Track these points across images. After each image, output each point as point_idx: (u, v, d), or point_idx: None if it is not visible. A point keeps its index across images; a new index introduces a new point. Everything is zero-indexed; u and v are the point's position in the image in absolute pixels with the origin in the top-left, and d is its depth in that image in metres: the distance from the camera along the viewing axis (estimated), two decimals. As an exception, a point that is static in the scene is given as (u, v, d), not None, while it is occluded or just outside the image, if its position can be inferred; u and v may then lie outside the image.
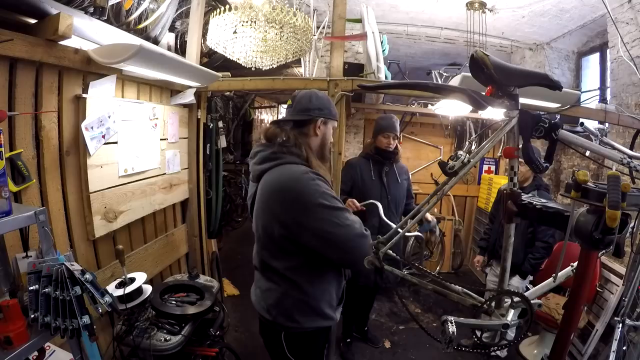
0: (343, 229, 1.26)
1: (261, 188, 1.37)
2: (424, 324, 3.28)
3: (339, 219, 1.27)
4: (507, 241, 1.07)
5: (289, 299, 1.37)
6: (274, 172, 1.34)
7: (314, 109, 1.40)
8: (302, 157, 1.37)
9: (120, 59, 1.62)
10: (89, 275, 1.13)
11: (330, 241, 1.27)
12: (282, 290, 1.38)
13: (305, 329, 1.40)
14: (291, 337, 1.41)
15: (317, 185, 1.27)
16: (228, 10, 1.85)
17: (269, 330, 1.47)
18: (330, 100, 1.49)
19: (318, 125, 1.42)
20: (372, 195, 2.44)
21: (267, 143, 1.43)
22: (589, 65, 4.16)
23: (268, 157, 1.37)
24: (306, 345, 1.44)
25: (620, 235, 0.86)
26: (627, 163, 1.04)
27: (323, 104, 1.43)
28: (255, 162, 1.41)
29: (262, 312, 1.43)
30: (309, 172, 1.30)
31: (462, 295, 1.11)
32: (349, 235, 1.27)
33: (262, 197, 1.36)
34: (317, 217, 1.25)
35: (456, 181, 1.06)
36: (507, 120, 1.02)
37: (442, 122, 4.49)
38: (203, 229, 2.99)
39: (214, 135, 3.06)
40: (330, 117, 1.45)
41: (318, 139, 1.44)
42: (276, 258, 1.37)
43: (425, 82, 1.22)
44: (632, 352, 1.91)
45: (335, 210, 1.27)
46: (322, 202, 1.25)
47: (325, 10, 3.69)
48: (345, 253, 1.30)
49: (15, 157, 1.43)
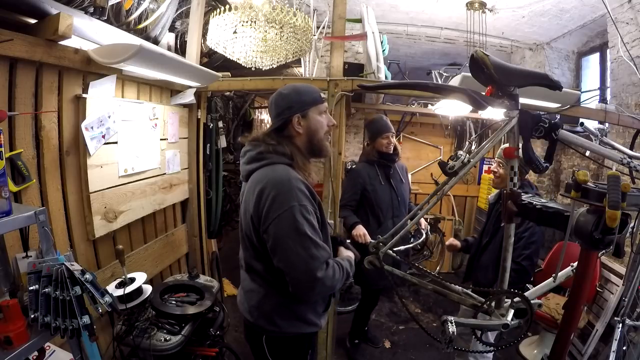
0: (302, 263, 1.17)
1: (247, 190, 1.35)
2: (424, 324, 3.28)
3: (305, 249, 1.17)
4: (507, 241, 1.08)
5: (269, 301, 1.34)
6: (261, 172, 1.30)
7: (283, 110, 1.34)
8: (287, 156, 1.31)
9: (120, 59, 1.62)
10: (89, 275, 1.13)
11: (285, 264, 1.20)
12: (263, 293, 1.35)
13: (286, 333, 1.36)
14: (272, 340, 1.38)
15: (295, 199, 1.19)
16: (228, 10, 1.85)
17: (251, 332, 1.45)
18: (299, 91, 1.36)
19: (296, 123, 1.33)
20: (384, 200, 2.48)
21: (255, 142, 1.38)
22: (589, 65, 4.16)
23: (255, 157, 1.34)
24: (287, 349, 1.40)
25: (620, 235, 0.86)
26: (627, 163, 1.04)
27: (290, 100, 1.34)
28: (244, 162, 1.39)
29: (245, 314, 1.42)
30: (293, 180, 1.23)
31: (462, 295, 1.11)
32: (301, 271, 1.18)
33: (246, 197, 1.34)
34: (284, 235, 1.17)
35: (456, 181, 1.06)
36: (507, 120, 1.03)
37: (442, 122, 4.49)
38: (203, 229, 2.99)
39: (214, 135, 3.06)
40: (305, 108, 1.34)
41: (303, 136, 1.35)
42: (257, 259, 1.34)
43: (425, 82, 1.23)
44: (632, 352, 1.91)
45: (305, 237, 1.18)
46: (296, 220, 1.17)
47: (325, 10, 3.69)
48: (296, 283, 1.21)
49: (15, 157, 1.43)
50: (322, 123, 1.36)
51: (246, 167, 1.37)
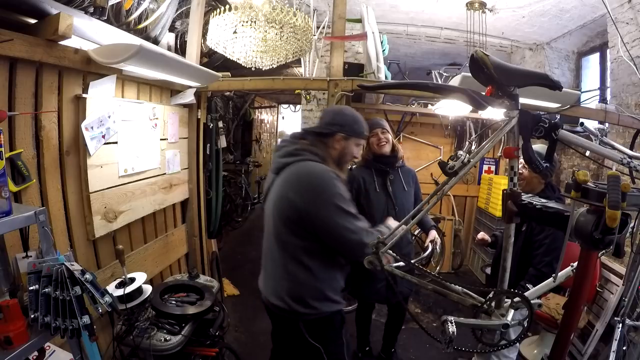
0: (351, 235, 1.37)
1: (282, 179, 1.47)
2: (424, 324, 3.28)
3: (350, 223, 1.37)
4: (507, 241, 1.07)
5: (304, 286, 1.44)
6: (296, 165, 1.45)
7: (335, 125, 1.53)
8: (320, 157, 1.48)
9: (120, 59, 1.62)
10: (89, 275, 1.13)
11: (337, 241, 1.40)
12: (297, 279, 1.44)
13: (322, 313, 1.47)
14: (310, 323, 1.47)
15: (335, 186, 1.39)
16: (228, 10, 1.85)
17: (284, 320, 1.52)
18: (356, 119, 1.57)
19: (337, 139, 1.54)
20: (377, 209, 2.27)
21: (292, 140, 1.55)
22: (589, 65, 4.16)
23: (291, 153, 1.48)
24: (326, 328, 1.51)
25: (620, 235, 0.86)
26: (627, 163, 1.04)
27: (345, 121, 1.54)
28: (279, 155, 1.52)
29: (277, 302, 1.48)
30: (330, 171, 1.42)
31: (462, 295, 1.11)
32: (353, 242, 1.37)
33: (282, 187, 1.45)
34: (330, 215, 1.36)
35: (456, 181, 1.06)
36: (507, 120, 1.02)
37: (442, 122, 4.48)
38: (203, 229, 2.99)
39: (214, 135, 3.06)
40: (351, 134, 1.54)
41: (337, 152, 1.55)
42: (289, 244, 1.44)
43: (425, 82, 1.22)
44: (632, 352, 1.91)
45: (347, 214, 1.38)
46: (337, 203, 1.37)
47: (325, 10, 3.69)
48: (348, 253, 1.45)
49: (15, 157, 1.43)
50: (352, 151, 1.58)
51: (281, 160, 1.50)
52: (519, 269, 2.02)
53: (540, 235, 1.98)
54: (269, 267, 1.56)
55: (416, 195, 2.49)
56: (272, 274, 1.54)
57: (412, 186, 2.47)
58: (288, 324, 1.51)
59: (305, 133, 1.59)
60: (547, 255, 1.95)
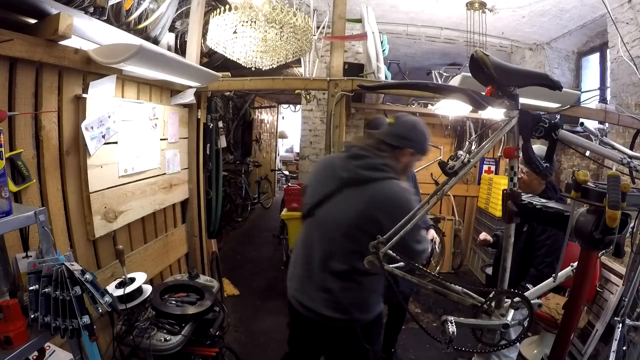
0: (419, 246, 1.42)
1: (367, 196, 1.41)
2: (424, 324, 3.28)
3: (420, 237, 1.42)
4: (507, 241, 1.07)
5: (368, 292, 1.47)
6: (384, 184, 1.41)
7: (408, 140, 1.50)
8: (396, 172, 1.47)
9: (120, 59, 1.62)
10: (89, 275, 1.13)
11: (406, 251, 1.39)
12: (362, 287, 1.46)
13: (376, 315, 1.52)
14: (365, 327, 1.49)
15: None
16: (228, 10, 1.85)
17: (338, 330, 1.49)
18: (427, 137, 1.56)
19: (405, 154, 1.52)
20: None
21: (371, 150, 1.48)
22: (589, 65, 4.16)
23: (378, 167, 1.44)
24: (375, 329, 1.56)
25: (620, 235, 0.86)
26: (627, 163, 1.04)
27: (418, 139, 1.52)
28: (361, 167, 1.44)
29: (332, 313, 1.45)
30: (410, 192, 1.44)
31: (462, 295, 1.11)
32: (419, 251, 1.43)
33: (368, 205, 1.40)
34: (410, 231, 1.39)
35: (456, 181, 1.05)
36: (507, 120, 1.02)
37: (442, 122, 4.48)
38: (203, 229, 2.99)
39: (214, 135, 3.06)
40: (418, 152, 1.54)
41: (402, 165, 1.53)
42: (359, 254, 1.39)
43: (425, 82, 1.22)
44: (632, 352, 1.91)
45: (419, 230, 1.43)
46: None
47: (325, 10, 3.68)
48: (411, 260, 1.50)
49: (15, 157, 1.43)
50: (412, 167, 1.62)
51: (365, 172, 1.43)
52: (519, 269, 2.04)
53: (542, 236, 1.98)
54: (320, 279, 1.47)
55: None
56: (325, 287, 1.46)
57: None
58: (340, 333, 1.50)
59: (380, 142, 1.51)
60: (548, 256, 1.97)
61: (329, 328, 1.49)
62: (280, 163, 10.65)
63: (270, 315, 3.20)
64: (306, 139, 4.69)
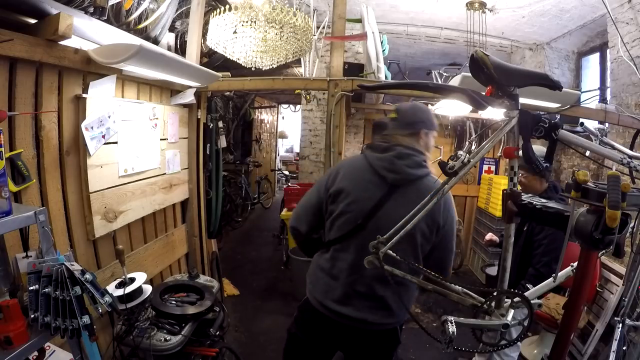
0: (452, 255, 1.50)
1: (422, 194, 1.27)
2: (424, 324, 3.28)
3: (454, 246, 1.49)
4: (507, 241, 1.07)
5: (410, 289, 1.48)
6: (430, 180, 1.42)
7: (417, 122, 1.49)
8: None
9: (120, 59, 1.62)
10: (89, 275, 1.13)
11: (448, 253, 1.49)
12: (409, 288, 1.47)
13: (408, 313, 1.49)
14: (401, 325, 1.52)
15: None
16: (228, 10, 1.85)
17: (382, 334, 1.47)
18: (428, 111, 1.57)
19: (421, 136, 1.50)
20: None
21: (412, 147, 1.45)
22: (589, 65, 4.16)
23: (421, 164, 1.43)
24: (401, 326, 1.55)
25: (620, 235, 0.86)
26: (627, 163, 1.03)
27: (424, 115, 1.52)
28: (409, 166, 1.41)
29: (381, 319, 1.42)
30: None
31: (462, 295, 1.11)
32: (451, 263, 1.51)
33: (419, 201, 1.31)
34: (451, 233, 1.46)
35: (456, 181, 1.06)
36: (507, 120, 1.02)
37: (442, 122, 4.48)
38: (203, 229, 2.99)
39: (214, 135, 3.06)
40: (430, 128, 1.52)
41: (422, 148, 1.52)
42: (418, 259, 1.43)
43: (425, 82, 1.22)
44: (632, 352, 1.91)
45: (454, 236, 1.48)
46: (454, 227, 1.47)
47: (325, 10, 3.69)
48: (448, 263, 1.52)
49: (15, 157, 1.43)
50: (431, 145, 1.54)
51: (413, 171, 1.41)
52: (520, 268, 2.05)
53: (540, 235, 1.99)
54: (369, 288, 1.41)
55: None
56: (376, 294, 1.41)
57: None
58: (384, 336, 1.48)
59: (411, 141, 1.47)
60: (545, 255, 1.97)
61: (373, 334, 1.46)
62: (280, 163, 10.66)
63: (270, 315, 3.20)
64: (306, 139, 4.69)
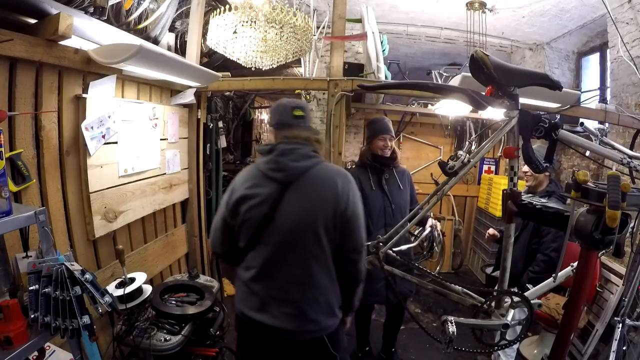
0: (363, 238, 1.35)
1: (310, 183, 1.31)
2: (424, 324, 3.28)
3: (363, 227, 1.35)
4: (507, 241, 1.07)
5: (333, 295, 1.36)
6: (322, 167, 1.35)
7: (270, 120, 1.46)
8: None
9: (120, 59, 1.62)
10: (89, 275, 1.13)
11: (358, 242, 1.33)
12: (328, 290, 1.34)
13: (339, 319, 1.40)
14: (332, 334, 1.37)
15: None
16: (228, 10, 1.85)
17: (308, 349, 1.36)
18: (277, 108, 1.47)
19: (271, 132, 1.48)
20: (374, 207, 2.29)
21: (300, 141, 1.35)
22: (589, 65, 4.15)
23: (308, 155, 1.34)
24: (341, 333, 1.44)
25: (620, 235, 0.86)
26: (627, 163, 1.04)
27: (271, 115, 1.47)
28: (293, 159, 1.31)
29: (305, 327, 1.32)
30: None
31: (462, 295, 1.11)
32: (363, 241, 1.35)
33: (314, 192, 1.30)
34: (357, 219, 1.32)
35: (456, 181, 1.06)
36: (507, 120, 1.03)
37: (442, 122, 4.49)
38: (203, 229, 2.99)
39: (214, 135, 3.07)
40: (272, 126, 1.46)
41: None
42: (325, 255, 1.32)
43: (425, 82, 1.23)
44: (632, 352, 1.91)
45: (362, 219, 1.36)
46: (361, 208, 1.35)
47: (325, 10, 3.68)
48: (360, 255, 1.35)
49: (15, 157, 1.43)
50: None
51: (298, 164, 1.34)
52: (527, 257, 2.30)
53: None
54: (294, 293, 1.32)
55: (411, 196, 2.50)
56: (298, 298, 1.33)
57: (407, 186, 2.49)
58: (309, 347, 1.36)
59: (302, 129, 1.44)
60: (554, 241, 2.16)
61: (297, 344, 1.36)
62: (280, 163, 10.61)
63: (270, 315, 3.20)
64: (306, 139, 4.67)
